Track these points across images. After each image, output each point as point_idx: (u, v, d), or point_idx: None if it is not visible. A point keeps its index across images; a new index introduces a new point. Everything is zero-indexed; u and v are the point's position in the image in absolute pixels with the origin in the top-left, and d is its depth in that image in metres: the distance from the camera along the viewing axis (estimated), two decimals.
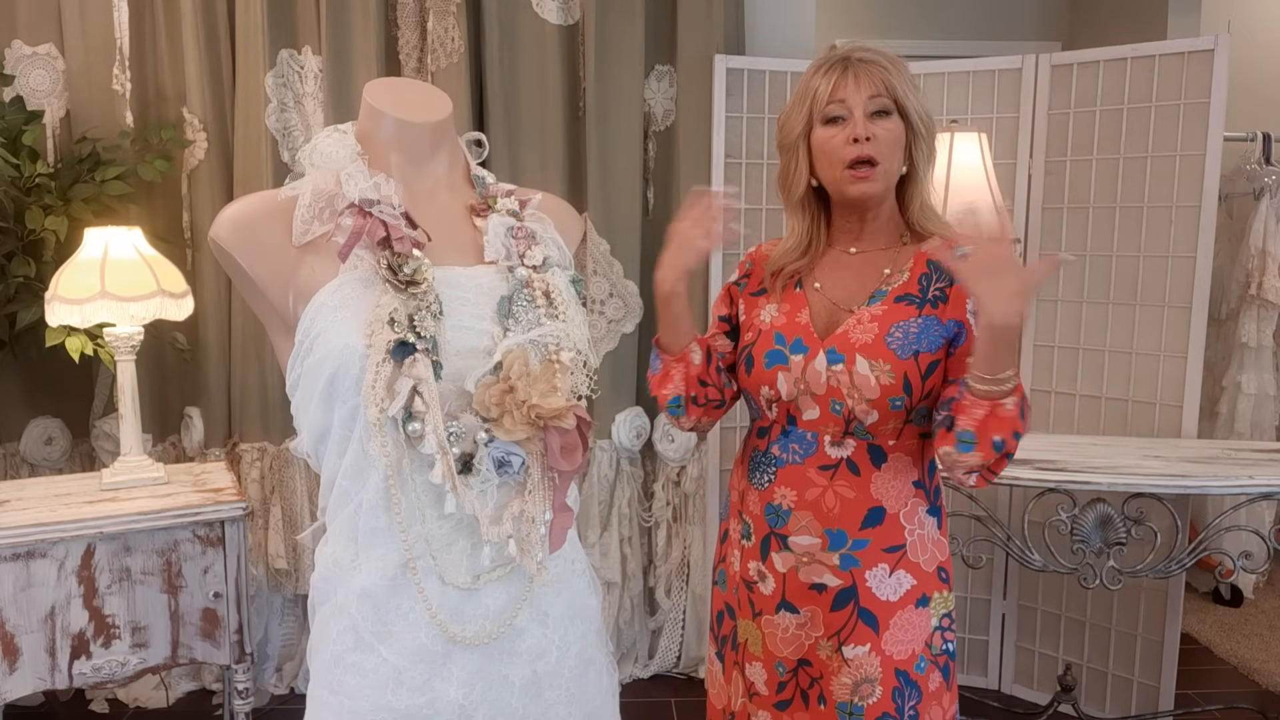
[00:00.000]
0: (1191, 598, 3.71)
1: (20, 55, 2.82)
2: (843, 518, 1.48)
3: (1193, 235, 2.67)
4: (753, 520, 1.56)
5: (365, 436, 1.10)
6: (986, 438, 1.34)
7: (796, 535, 1.50)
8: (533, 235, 1.24)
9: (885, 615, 1.48)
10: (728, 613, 1.63)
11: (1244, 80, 3.66)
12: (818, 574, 1.49)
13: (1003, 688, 3.06)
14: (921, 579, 1.50)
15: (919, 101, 1.49)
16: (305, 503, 2.90)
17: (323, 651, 1.15)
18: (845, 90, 1.46)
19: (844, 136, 1.45)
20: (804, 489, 1.49)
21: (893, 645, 1.48)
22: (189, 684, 3.00)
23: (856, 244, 1.55)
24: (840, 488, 1.48)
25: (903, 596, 1.48)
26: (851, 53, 1.48)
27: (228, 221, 1.16)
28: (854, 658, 1.48)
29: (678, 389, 1.57)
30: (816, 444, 1.49)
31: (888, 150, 1.46)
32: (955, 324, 1.46)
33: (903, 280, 1.50)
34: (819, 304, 1.53)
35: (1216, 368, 3.70)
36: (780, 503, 1.51)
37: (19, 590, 2.06)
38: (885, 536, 1.48)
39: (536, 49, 2.84)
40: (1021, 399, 1.35)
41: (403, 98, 1.24)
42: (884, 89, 1.46)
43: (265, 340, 2.71)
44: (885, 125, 1.46)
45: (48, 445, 2.91)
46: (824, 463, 1.49)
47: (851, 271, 1.54)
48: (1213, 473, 2.31)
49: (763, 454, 1.54)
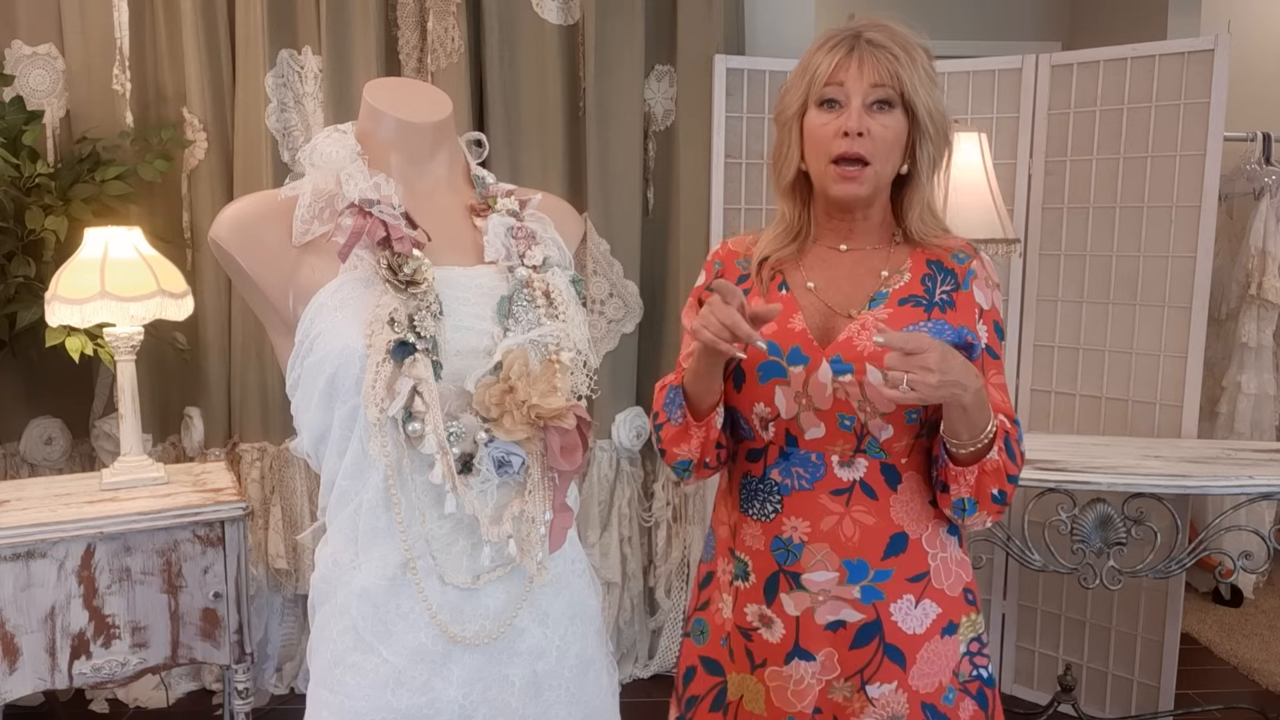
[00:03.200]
0: (1191, 598, 3.71)
1: (20, 55, 2.82)
2: (863, 547, 1.33)
3: (1193, 235, 2.67)
4: (752, 558, 1.38)
5: (365, 436, 1.10)
6: (985, 496, 1.29)
7: (811, 571, 1.33)
8: (533, 235, 1.24)
9: (912, 649, 1.34)
10: (706, 668, 1.44)
11: (1244, 80, 3.65)
12: (835, 611, 1.34)
13: (1003, 688, 3.06)
14: (948, 606, 1.37)
15: (931, 97, 1.33)
16: (305, 503, 2.90)
17: (323, 651, 1.15)
18: (846, 73, 1.30)
19: (836, 127, 1.31)
20: (818, 518, 1.33)
21: (919, 680, 1.35)
22: (189, 684, 3.00)
23: (847, 241, 1.40)
24: (858, 514, 1.33)
25: (929, 627, 1.35)
26: (864, 30, 1.32)
27: (228, 221, 1.16)
28: (880, 697, 1.34)
29: (692, 454, 1.37)
30: (824, 466, 1.33)
31: (882, 149, 1.31)
32: (966, 331, 1.35)
33: (904, 282, 1.37)
34: (813, 307, 1.37)
35: (1216, 368, 3.70)
36: (791, 535, 1.34)
37: (19, 590, 2.06)
38: (909, 565, 1.35)
39: (536, 49, 2.84)
40: (1005, 438, 1.28)
41: (403, 98, 1.24)
42: (890, 78, 1.30)
43: (265, 340, 2.71)
44: (884, 120, 1.31)
45: (48, 445, 2.91)
46: (836, 486, 1.33)
47: (843, 271, 1.39)
48: (1213, 473, 2.30)
49: (759, 481, 1.37)
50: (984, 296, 1.40)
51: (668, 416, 1.36)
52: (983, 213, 2.51)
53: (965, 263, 1.40)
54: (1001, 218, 2.53)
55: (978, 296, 1.39)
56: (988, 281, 1.41)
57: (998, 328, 1.40)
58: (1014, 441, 1.31)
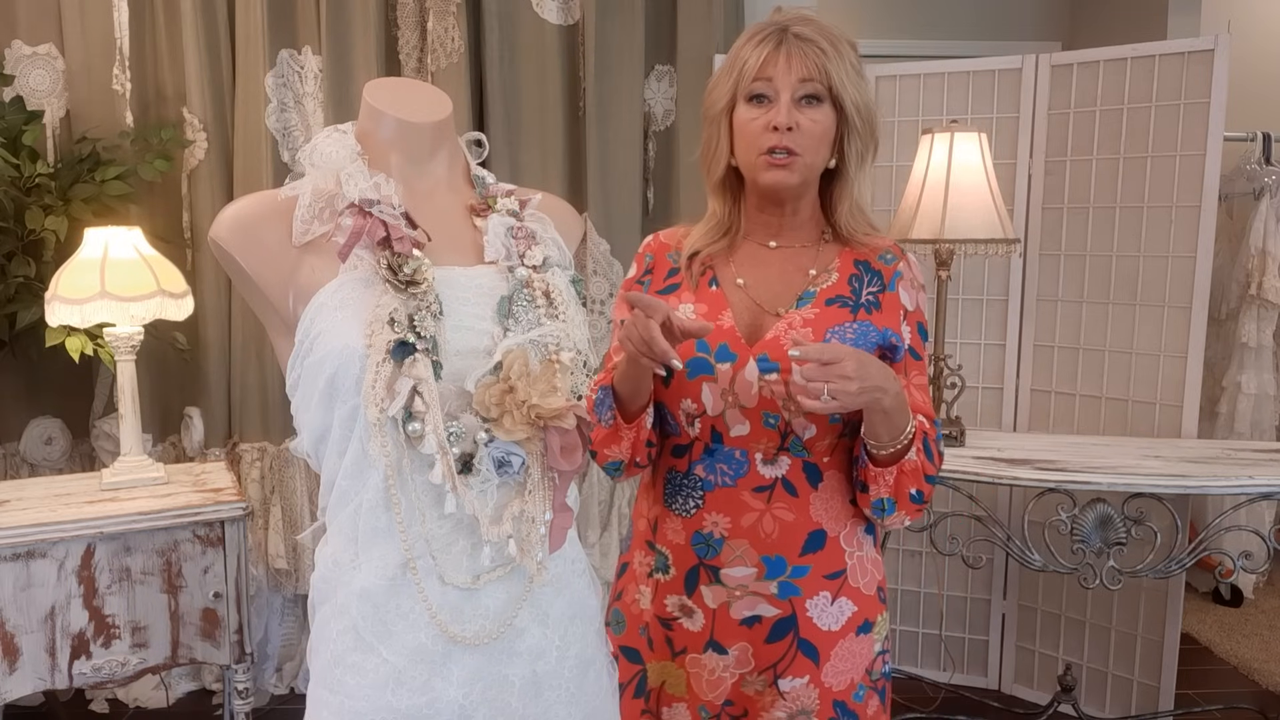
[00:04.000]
0: (1191, 598, 3.71)
1: (20, 55, 2.82)
2: (781, 543, 1.35)
3: (1193, 235, 2.67)
4: (672, 551, 1.40)
5: (365, 436, 1.09)
6: (904, 496, 1.31)
7: (730, 566, 1.36)
8: (533, 235, 1.24)
9: (826, 646, 1.37)
10: (626, 656, 1.45)
11: (1244, 80, 3.66)
12: (751, 606, 1.36)
13: (1003, 688, 3.06)
14: (863, 604, 1.40)
15: (858, 91, 1.34)
16: (305, 503, 2.90)
17: (323, 651, 1.15)
18: (774, 68, 1.31)
19: (765, 121, 1.32)
20: (739, 514, 1.35)
21: (832, 676, 1.38)
22: (189, 684, 3.01)
23: (776, 238, 1.41)
24: (779, 511, 1.35)
25: (844, 624, 1.38)
26: (790, 24, 1.33)
27: (228, 221, 1.16)
28: (790, 690, 1.37)
29: (622, 454, 1.37)
30: (747, 463, 1.35)
31: (810, 143, 1.32)
32: (891, 334, 1.37)
33: (831, 281, 1.38)
34: (742, 305, 1.38)
35: (1216, 368, 3.71)
36: (711, 530, 1.36)
37: (19, 590, 2.06)
38: (826, 562, 1.37)
39: (536, 49, 2.84)
40: (924, 439, 1.30)
41: (403, 98, 1.24)
42: (817, 73, 1.31)
43: (265, 340, 2.71)
44: (813, 115, 1.32)
45: (48, 445, 2.91)
46: (758, 484, 1.35)
47: (773, 269, 1.40)
48: (1213, 473, 2.31)
49: (683, 476, 1.38)
50: (909, 298, 1.41)
51: (598, 418, 1.35)
52: (983, 213, 2.51)
53: (893, 264, 1.42)
54: (1001, 218, 2.53)
55: (903, 298, 1.41)
56: (913, 283, 1.43)
57: (921, 329, 1.43)
58: (932, 442, 1.33)
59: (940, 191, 2.52)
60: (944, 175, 2.53)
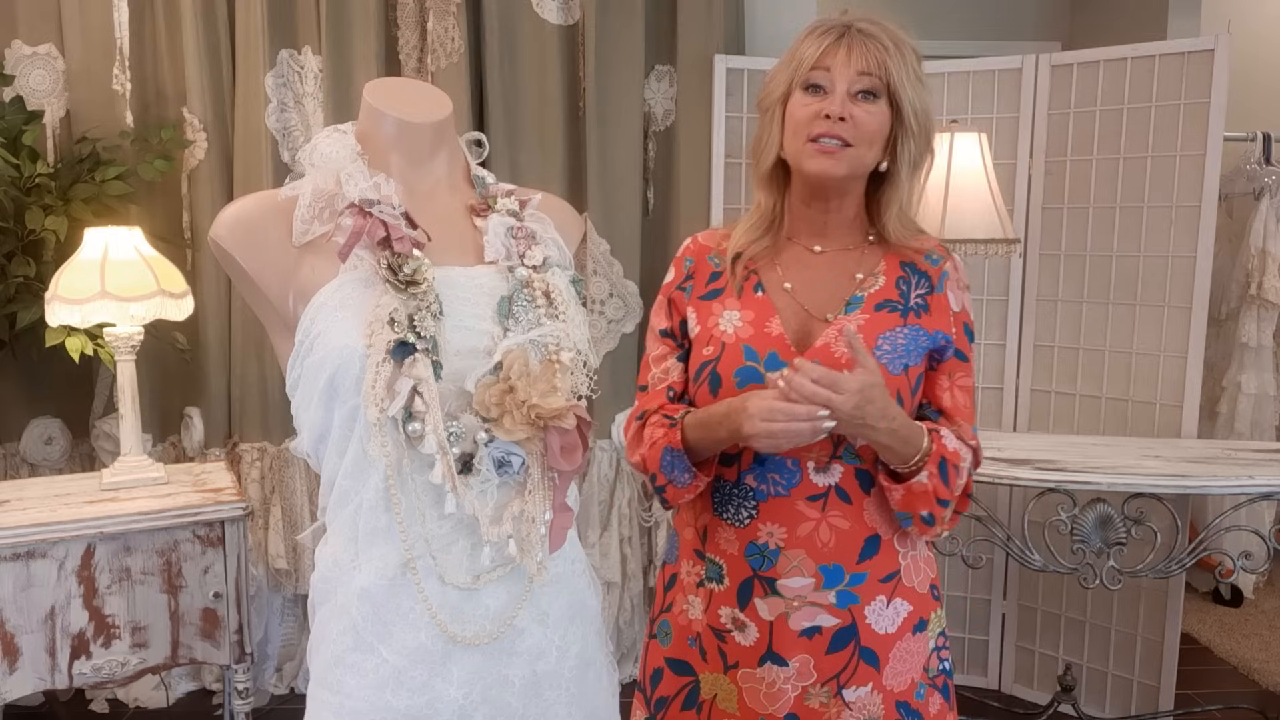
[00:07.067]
0: (1191, 598, 3.71)
1: (20, 55, 2.82)
2: (839, 552, 1.33)
3: (1193, 235, 2.67)
4: (727, 561, 1.37)
5: (365, 436, 1.10)
6: (915, 515, 1.31)
7: (787, 577, 1.33)
8: (533, 235, 1.24)
9: (885, 649, 1.35)
10: (674, 669, 1.42)
11: (1244, 80, 3.65)
12: (811, 617, 1.33)
13: (1003, 688, 3.06)
14: (917, 603, 1.38)
15: (917, 94, 1.30)
16: (305, 503, 2.90)
17: (323, 651, 1.15)
18: (833, 59, 1.28)
19: (816, 109, 1.28)
20: (795, 524, 1.32)
21: (892, 678, 1.36)
22: (189, 684, 3.00)
23: (820, 240, 1.38)
24: (834, 519, 1.32)
25: (900, 625, 1.36)
26: (854, 21, 1.31)
27: (228, 221, 1.16)
28: (856, 700, 1.34)
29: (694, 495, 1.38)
30: (799, 472, 1.32)
31: (863, 136, 1.28)
32: (941, 335, 1.35)
33: (879, 285, 1.36)
34: (790, 310, 1.35)
35: (1216, 368, 3.70)
36: (766, 541, 1.33)
37: (19, 590, 2.06)
38: (882, 566, 1.35)
39: (536, 49, 2.84)
40: (940, 463, 1.29)
41: (403, 98, 1.24)
42: (877, 68, 1.28)
43: (265, 340, 2.71)
44: (869, 109, 1.28)
45: (48, 445, 2.91)
46: (812, 492, 1.32)
47: (819, 274, 1.37)
48: (1213, 473, 2.30)
49: (733, 485, 1.35)
50: (955, 299, 1.40)
51: (669, 479, 1.34)
52: (983, 213, 2.51)
53: (939, 264, 1.40)
54: (1001, 218, 2.53)
55: (951, 299, 1.39)
56: (959, 283, 1.42)
57: (968, 330, 1.41)
58: (952, 467, 1.30)
59: (940, 191, 2.52)
60: (944, 175, 2.53)
